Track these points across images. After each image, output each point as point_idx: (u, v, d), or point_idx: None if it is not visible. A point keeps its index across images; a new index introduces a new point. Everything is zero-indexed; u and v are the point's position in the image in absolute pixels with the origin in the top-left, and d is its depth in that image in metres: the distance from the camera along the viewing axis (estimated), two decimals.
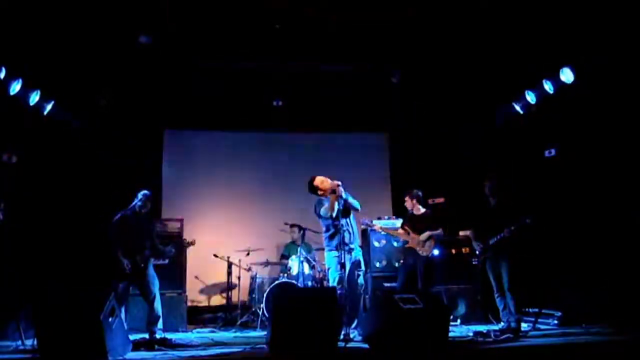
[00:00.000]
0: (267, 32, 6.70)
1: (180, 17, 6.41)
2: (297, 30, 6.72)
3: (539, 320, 6.12)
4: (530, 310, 6.31)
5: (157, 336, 5.47)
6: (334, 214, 5.41)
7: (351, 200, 5.62)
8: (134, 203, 5.84)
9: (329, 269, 5.69)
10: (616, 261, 6.10)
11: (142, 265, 5.65)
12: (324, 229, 5.74)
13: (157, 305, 5.66)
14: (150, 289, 5.65)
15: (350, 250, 5.52)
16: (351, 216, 5.70)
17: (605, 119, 6.33)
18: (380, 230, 6.93)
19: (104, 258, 6.12)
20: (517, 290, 5.55)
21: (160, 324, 5.63)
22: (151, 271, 5.74)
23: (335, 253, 5.45)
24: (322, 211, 5.56)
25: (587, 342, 4.96)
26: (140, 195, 5.88)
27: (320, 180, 5.61)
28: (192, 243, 6.33)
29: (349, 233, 5.54)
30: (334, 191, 5.42)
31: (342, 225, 5.40)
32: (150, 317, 5.60)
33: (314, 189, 5.65)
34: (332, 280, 5.56)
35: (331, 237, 5.58)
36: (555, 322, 6.14)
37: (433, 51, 7.11)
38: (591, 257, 6.31)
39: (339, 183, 5.49)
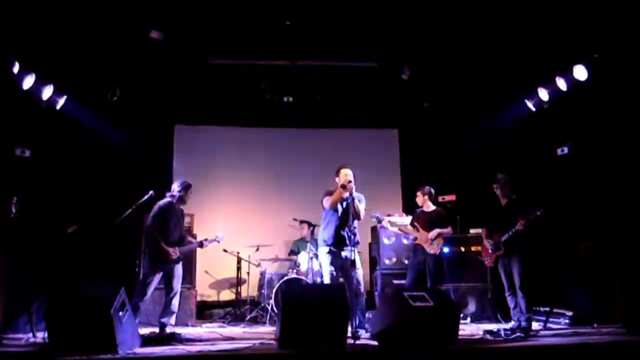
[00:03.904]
0: (278, 29, 6.68)
1: (192, 13, 6.42)
2: (307, 27, 6.70)
3: (550, 319, 6.07)
4: (541, 309, 6.26)
5: (167, 330, 5.50)
6: (333, 207, 5.65)
7: (357, 204, 5.64)
8: (175, 193, 5.73)
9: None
10: (629, 261, 6.03)
11: (179, 259, 5.64)
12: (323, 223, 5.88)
13: (176, 301, 5.65)
14: (173, 286, 5.63)
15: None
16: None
17: (618, 116, 6.26)
18: (388, 226, 6.92)
19: (118, 253, 6.19)
20: (528, 288, 5.51)
21: (172, 319, 5.66)
22: (179, 268, 5.71)
23: (325, 248, 5.68)
24: (325, 200, 5.74)
25: (598, 342, 4.91)
26: (185, 185, 5.78)
27: (344, 171, 5.70)
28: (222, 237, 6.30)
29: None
30: (344, 186, 5.52)
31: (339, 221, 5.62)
32: (165, 311, 5.59)
33: (336, 173, 5.77)
34: (325, 277, 5.77)
35: (324, 229, 5.78)
36: (567, 321, 6.08)
37: (444, 47, 7.06)
38: (603, 256, 6.25)
39: (351, 180, 5.57)
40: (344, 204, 5.62)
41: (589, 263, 6.35)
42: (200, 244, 6.05)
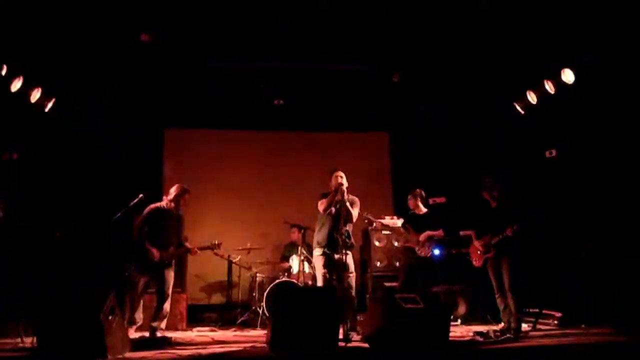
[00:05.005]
0: (269, 32, 6.69)
1: (182, 16, 6.41)
2: (298, 29, 6.72)
3: (539, 320, 6.12)
4: (531, 310, 6.30)
5: (158, 334, 5.47)
6: (326, 210, 5.69)
7: (349, 207, 5.66)
8: (171, 197, 5.77)
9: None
10: (617, 262, 6.09)
11: (167, 262, 5.64)
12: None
13: (167, 305, 5.67)
14: (165, 290, 5.64)
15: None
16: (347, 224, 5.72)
17: (606, 119, 6.33)
18: (381, 227, 6.96)
19: (108, 256, 6.14)
20: (517, 290, 5.55)
21: (163, 324, 5.64)
22: (171, 273, 5.71)
23: (319, 250, 5.70)
24: (319, 204, 5.79)
25: (587, 343, 4.96)
26: (181, 190, 5.81)
27: (336, 175, 5.78)
28: (218, 245, 6.29)
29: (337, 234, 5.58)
30: (336, 189, 5.59)
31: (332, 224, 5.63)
32: (156, 315, 5.59)
33: (330, 176, 5.85)
34: (319, 280, 5.74)
35: (317, 232, 5.83)
36: (556, 322, 6.14)
37: (435, 51, 7.10)
38: (592, 258, 6.30)
39: (342, 183, 5.64)
40: (337, 206, 5.64)
41: (578, 264, 6.40)
42: (189, 250, 6.02)
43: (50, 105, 6.72)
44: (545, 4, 5.85)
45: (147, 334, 5.50)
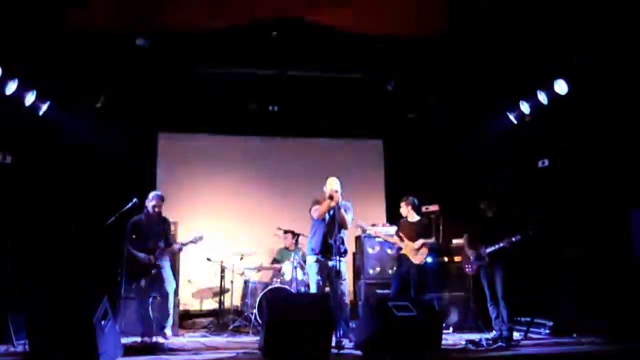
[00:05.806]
0: (264, 38, 6.72)
1: (178, 22, 6.42)
2: (294, 36, 6.75)
3: (531, 329, 6.14)
4: (523, 319, 6.33)
5: (160, 338, 5.55)
6: (320, 216, 5.68)
7: (344, 213, 5.67)
8: (146, 205, 5.97)
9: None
10: (608, 271, 6.14)
11: (156, 261, 5.81)
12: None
13: (169, 305, 5.86)
14: (165, 287, 5.83)
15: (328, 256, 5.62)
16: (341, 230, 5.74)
17: (598, 129, 6.39)
18: (374, 235, 6.98)
19: (101, 260, 6.14)
20: (510, 299, 5.58)
21: (169, 322, 5.84)
22: (168, 271, 5.91)
23: (313, 257, 5.69)
24: (313, 210, 5.77)
25: (578, 352, 4.99)
26: (151, 197, 6.03)
27: (331, 181, 5.78)
28: (200, 238, 6.36)
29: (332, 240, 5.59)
30: (331, 196, 5.59)
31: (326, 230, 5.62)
32: (162, 314, 5.81)
33: (324, 183, 5.86)
34: (312, 286, 5.75)
35: (311, 238, 5.83)
36: (547, 331, 6.17)
37: (428, 59, 7.15)
38: (584, 267, 6.35)
39: (337, 190, 5.63)
40: (331, 212, 5.66)
41: (570, 273, 6.43)
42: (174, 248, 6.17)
43: (44, 108, 6.69)
44: (546, 5, 5.90)
45: (138, 339, 5.48)
